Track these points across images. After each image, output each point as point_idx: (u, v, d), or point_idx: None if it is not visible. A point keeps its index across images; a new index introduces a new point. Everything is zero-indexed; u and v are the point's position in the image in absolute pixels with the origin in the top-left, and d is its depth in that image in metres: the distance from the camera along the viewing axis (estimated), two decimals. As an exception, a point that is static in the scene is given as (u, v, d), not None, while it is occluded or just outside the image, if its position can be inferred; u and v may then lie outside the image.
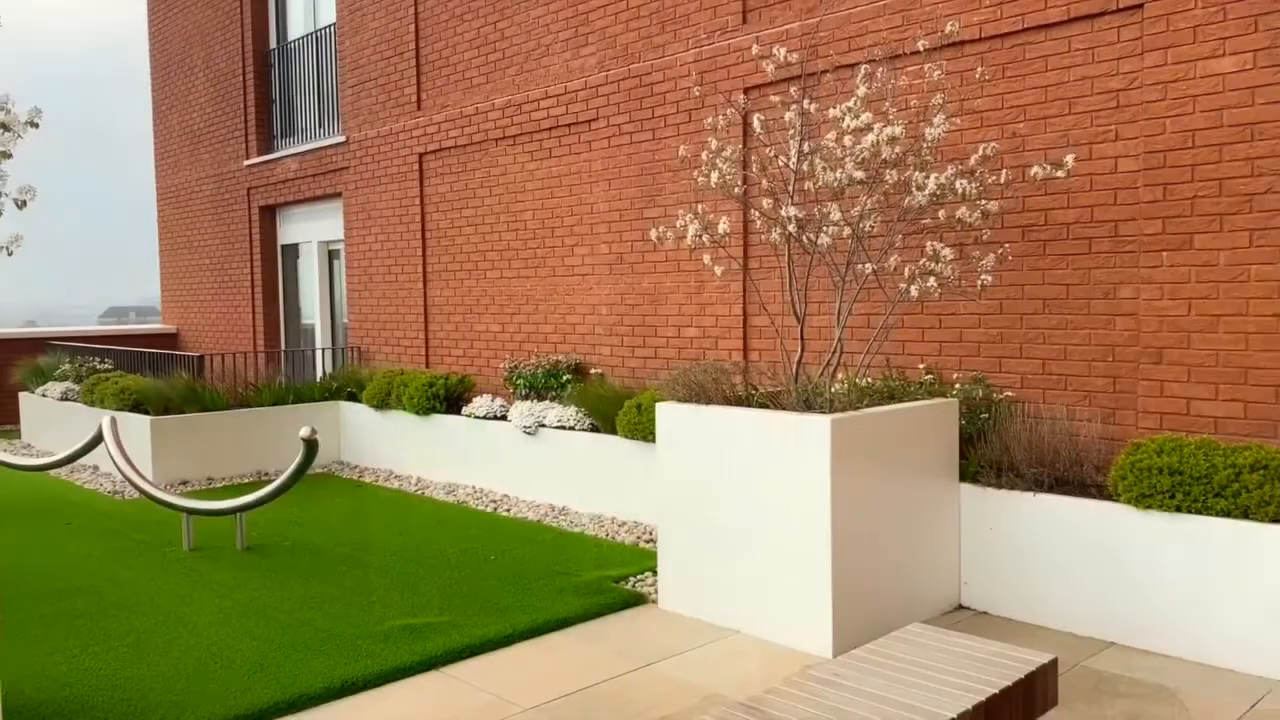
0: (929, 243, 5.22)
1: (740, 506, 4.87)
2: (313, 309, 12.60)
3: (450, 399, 9.01)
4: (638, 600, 5.38)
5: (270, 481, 8.73)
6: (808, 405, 4.73)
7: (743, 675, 4.40)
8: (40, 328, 15.35)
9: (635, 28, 7.81)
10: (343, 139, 11.09)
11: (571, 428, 7.68)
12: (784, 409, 4.80)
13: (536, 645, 4.78)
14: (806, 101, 5.22)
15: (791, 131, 5.25)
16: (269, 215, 12.99)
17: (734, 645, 4.76)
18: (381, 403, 9.36)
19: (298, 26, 12.66)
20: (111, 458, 6.94)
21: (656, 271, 7.73)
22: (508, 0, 8.95)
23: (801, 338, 5.25)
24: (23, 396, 11.82)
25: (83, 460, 9.26)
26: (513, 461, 8.07)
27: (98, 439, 7.30)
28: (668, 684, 4.30)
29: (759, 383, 5.36)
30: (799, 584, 4.66)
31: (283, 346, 12.95)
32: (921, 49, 5.39)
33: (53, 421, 10.92)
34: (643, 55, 7.75)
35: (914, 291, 5.03)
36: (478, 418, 8.48)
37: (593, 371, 8.30)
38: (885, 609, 4.83)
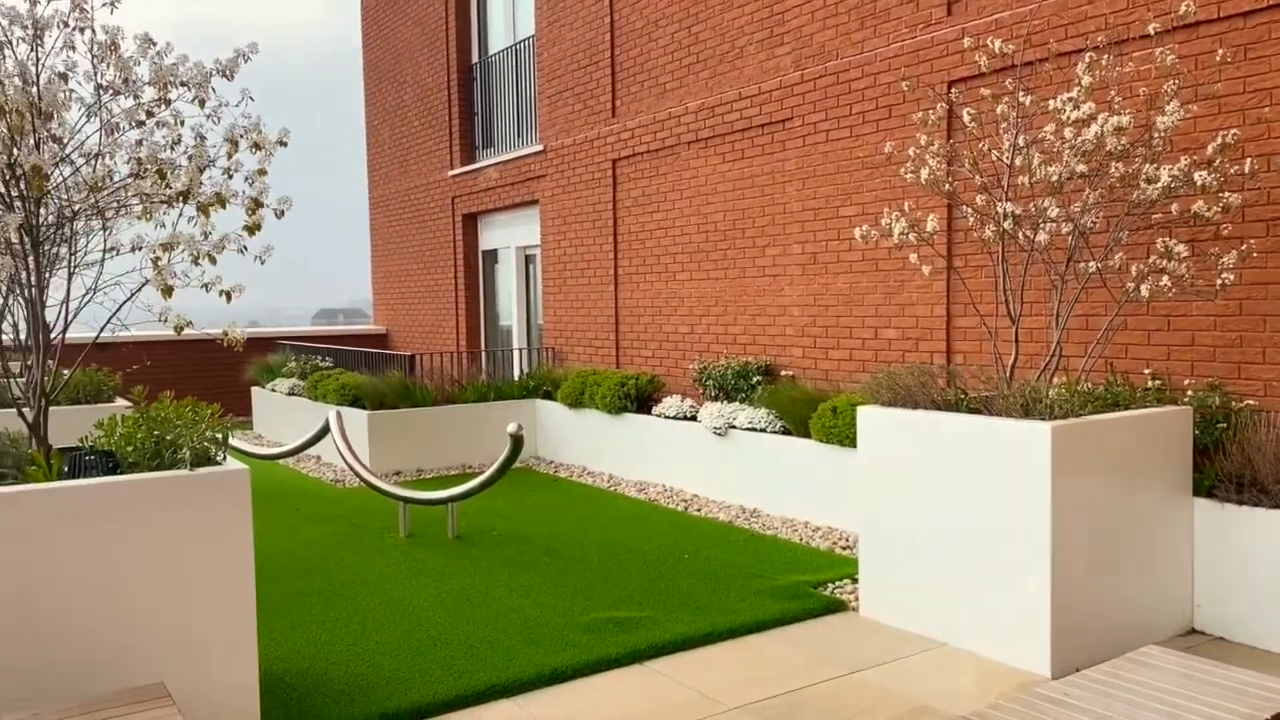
0: (1160, 239, 4.87)
1: (949, 515, 4.70)
2: (510, 311, 13.15)
3: (640, 399, 9.19)
4: (837, 607, 5.30)
5: (475, 474, 9.18)
6: (1025, 411, 4.51)
7: (952, 688, 4.25)
8: (264, 328, 16.71)
9: (833, 25, 7.70)
10: (540, 148, 11.52)
11: (762, 430, 7.66)
12: (999, 414, 4.61)
13: (736, 646, 4.79)
14: (1021, 93, 4.98)
15: (1005, 124, 5.03)
16: (471, 222, 13.65)
17: (941, 657, 4.61)
18: (575, 401, 9.64)
19: (498, 40, 13.25)
20: (338, 449, 7.48)
21: (852, 271, 7.59)
22: (701, 5, 9.02)
23: (1015, 339, 5.02)
24: (254, 391, 12.95)
25: (307, 450, 10.04)
26: (703, 462, 8.13)
27: (325, 431, 7.89)
28: (873, 692, 4.21)
29: (967, 387, 5.16)
30: (1014, 597, 4.45)
31: (483, 346, 13.58)
32: (1151, 32, 5.04)
33: (280, 414, 11.90)
34: (840, 52, 7.62)
35: (1144, 291, 4.70)
36: (668, 417, 8.59)
37: (783, 373, 8.24)
38: (1109, 629, 4.54)
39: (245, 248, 4.20)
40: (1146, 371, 5.67)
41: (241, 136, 4.31)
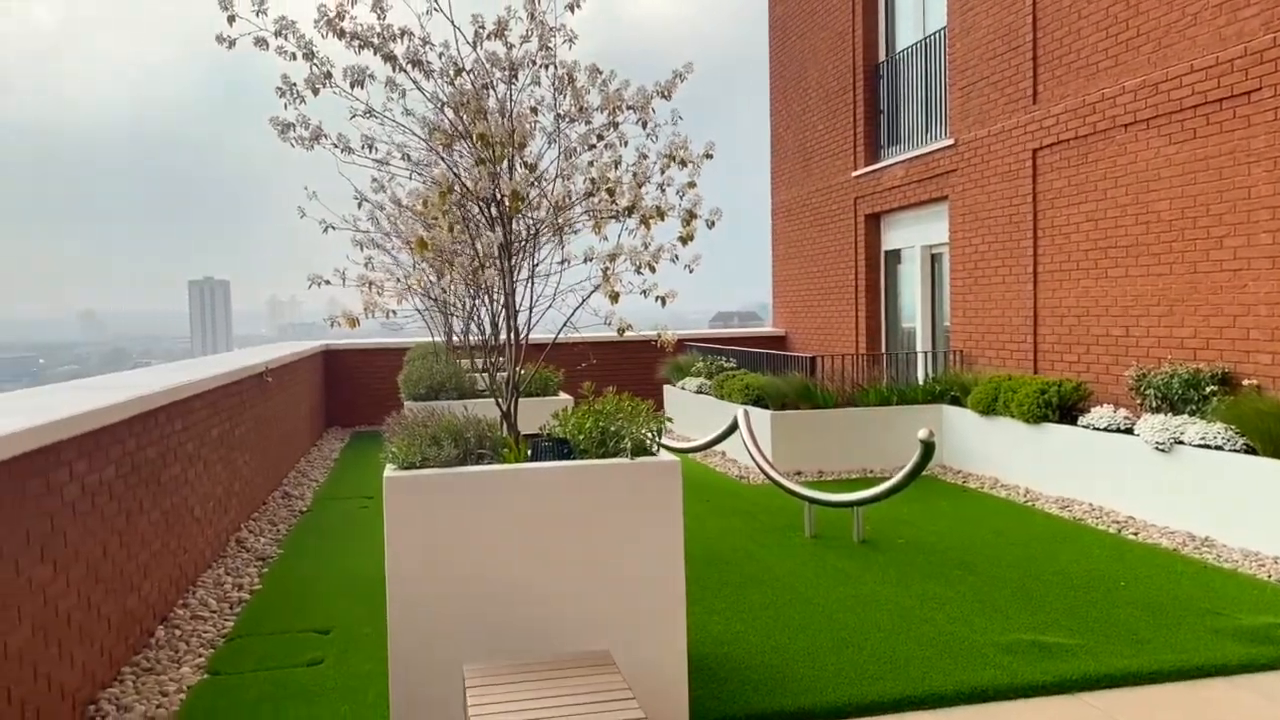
0: None
1: None
2: (913, 312, 12.79)
3: (1063, 407, 8.46)
4: (1323, 660, 4.47)
5: (876, 479, 9.06)
6: None
7: None
8: (671, 330, 17.75)
9: (1318, -27, 6.52)
10: (950, 142, 11.06)
11: (1219, 447, 6.68)
12: None
13: (1189, 689, 4.23)
14: None
15: None
16: (873, 222, 13.49)
17: None
18: (987, 408, 9.13)
19: (906, 37, 12.95)
20: (745, 446, 7.77)
21: (1342, 264, 6.37)
22: (1143, -30, 8.10)
23: None
24: (665, 389, 13.88)
25: (715, 446, 10.55)
26: (1140, 481, 7.29)
27: (733, 428, 8.24)
28: (1381, 772, 3.49)
29: None
30: None
31: (884, 349, 13.36)
32: None
33: (689, 411, 12.64)
34: (1329, 4, 6.43)
35: None
36: (1097, 429, 7.82)
37: (1246, 383, 7.13)
38: None
39: (677, 256, 4.49)
40: None
41: (678, 151, 4.61)
